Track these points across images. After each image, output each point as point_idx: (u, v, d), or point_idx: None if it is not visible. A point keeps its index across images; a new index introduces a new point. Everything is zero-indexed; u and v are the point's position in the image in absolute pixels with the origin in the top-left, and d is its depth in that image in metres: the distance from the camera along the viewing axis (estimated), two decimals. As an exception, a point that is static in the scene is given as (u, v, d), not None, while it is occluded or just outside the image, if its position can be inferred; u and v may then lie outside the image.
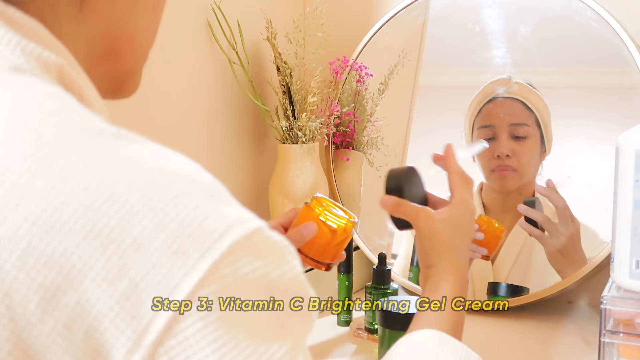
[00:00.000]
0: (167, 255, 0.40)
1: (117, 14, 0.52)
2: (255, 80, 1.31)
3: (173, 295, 0.39)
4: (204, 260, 0.40)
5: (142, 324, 0.39)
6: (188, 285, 0.39)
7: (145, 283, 0.39)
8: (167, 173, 0.42)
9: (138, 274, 0.39)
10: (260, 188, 1.37)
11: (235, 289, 0.41)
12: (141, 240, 0.40)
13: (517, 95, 1.31)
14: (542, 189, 1.27)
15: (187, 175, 0.43)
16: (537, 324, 1.21)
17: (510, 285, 1.28)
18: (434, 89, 1.45)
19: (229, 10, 1.23)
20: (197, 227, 0.41)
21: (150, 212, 0.40)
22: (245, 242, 0.41)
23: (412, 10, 1.39)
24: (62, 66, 0.47)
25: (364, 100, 1.41)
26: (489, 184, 1.34)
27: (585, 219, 1.28)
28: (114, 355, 0.39)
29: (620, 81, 1.26)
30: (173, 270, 0.39)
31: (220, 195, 0.43)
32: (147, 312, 0.39)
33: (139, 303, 0.39)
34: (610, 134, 0.96)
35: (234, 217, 0.42)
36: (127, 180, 0.41)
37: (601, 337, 0.87)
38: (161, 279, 0.39)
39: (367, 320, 1.15)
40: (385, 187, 0.87)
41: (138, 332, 0.39)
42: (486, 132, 1.32)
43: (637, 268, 0.86)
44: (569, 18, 1.28)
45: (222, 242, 0.41)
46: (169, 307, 0.39)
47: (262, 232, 0.43)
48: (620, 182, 0.87)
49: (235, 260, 0.41)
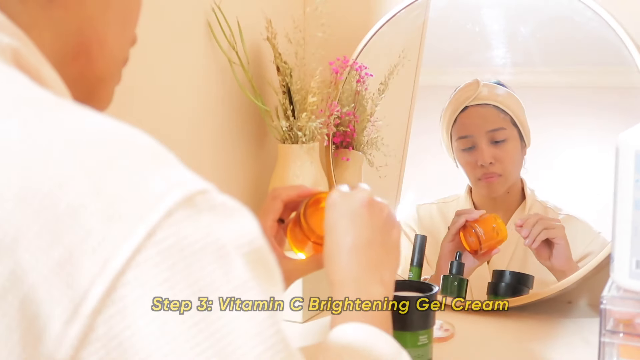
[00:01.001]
0: (103, 220, 0.38)
1: (87, 13, 0.52)
2: (255, 80, 1.31)
3: (110, 262, 0.37)
4: (142, 225, 0.38)
5: (79, 293, 0.37)
6: (125, 251, 0.38)
7: (81, 250, 0.38)
8: (105, 137, 0.41)
9: (73, 241, 0.38)
10: (260, 188, 1.37)
11: (177, 253, 0.39)
12: (75, 206, 0.38)
13: (488, 100, 1.33)
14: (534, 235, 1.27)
15: (126, 139, 0.41)
16: (537, 324, 1.21)
17: (510, 285, 1.28)
18: (434, 89, 1.45)
19: (229, 11, 1.23)
20: (134, 191, 0.39)
21: (84, 176, 0.38)
22: (187, 203, 0.40)
23: (412, 10, 1.39)
24: (17, 50, 0.46)
25: (364, 100, 1.41)
26: (477, 190, 1.35)
27: (585, 218, 1.29)
28: (51, 326, 0.37)
29: (620, 81, 1.26)
30: (109, 237, 0.38)
31: (161, 158, 0.42)
32: (83, 280, 0.37)
33: (74, 272, 0.37)
34: (610, 134, 0.96)
35: (175, 178, 0.40)
36: (62, 145, 0.39)
37: (601, 337, 0.87)
38: (97, 246, 0.38)
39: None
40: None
41: (75, 301, 0.37)
42: (465, 142, 1.34)
43: (637, 268, 0.86)
44: (569, 18, 1.28)
45: (161, 204, 0.39)
46: (106, 274, 0.37)
47: (207, 194, 0.41)
48: (620, 182, 0.87)
49: (177, 222, 0.39)
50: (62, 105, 0.42)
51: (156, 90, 1.11)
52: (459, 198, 1.37)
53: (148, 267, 0.38)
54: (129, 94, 1.06)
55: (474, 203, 1.36)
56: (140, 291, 0.38)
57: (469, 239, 1.29)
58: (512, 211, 1.33)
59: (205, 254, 0.39)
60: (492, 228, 1.28)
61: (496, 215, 1.30)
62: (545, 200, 1.33)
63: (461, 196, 1.37)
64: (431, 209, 1.39)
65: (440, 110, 1.39)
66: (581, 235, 1.27)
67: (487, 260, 1.30)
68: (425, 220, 1.39)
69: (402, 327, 0.97)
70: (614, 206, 0.88)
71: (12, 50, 0.46)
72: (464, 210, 1.32)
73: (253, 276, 0.41)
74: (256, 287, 0.41)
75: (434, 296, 0.98)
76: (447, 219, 1.35)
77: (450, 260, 1.31)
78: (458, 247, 1.30)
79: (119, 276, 0.37)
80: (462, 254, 1.30)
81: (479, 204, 1.36)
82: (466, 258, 1.30)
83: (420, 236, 1.29)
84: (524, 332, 1.18)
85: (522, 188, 1.33)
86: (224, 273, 0.40)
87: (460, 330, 1.16)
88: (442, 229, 1.36)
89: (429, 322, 0.98)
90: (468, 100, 1.33)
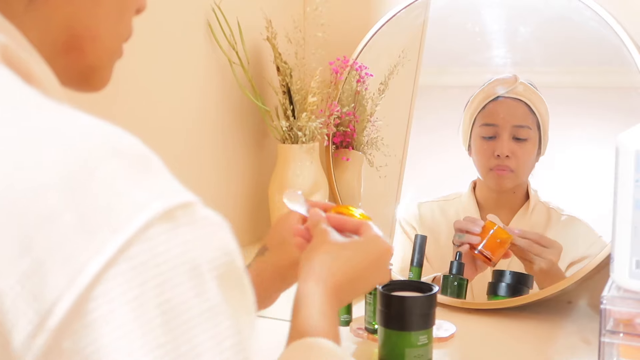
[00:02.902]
0: (76, 232, 0.36)
1: (74, 9, 0.51)
2: (255, 80, 1.31)
3: (79, 275, 0.36)
4: (115, 238, 0.37)
5: (45, 306, 0.36)
6: (95, 265, 0.36)
7: (51, 262, 0.36)
8: (85, 142, 0.39)
9: (43, 252, 0.36)
10: (260, 188, 1.37)
11: (150, 270, 0.37)
12: (48, 215, 0.36)
13: (521, 97, 1.32)
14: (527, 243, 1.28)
15: (108, 145, 0.39)
16: (537, 324, 1.21)
17: (510, 285, 1.28)
18: (434, 89, 1.45)
19: (229, 11, 1.23)
20: (111, 202, 0.37)
21: (60, 184, 0.37)
22: (166, 217, 0.38)
23: (412, 10, 1.39)
24: (5, 46, 0.46)
25: (364, 100, 1.41)
26: (485, 181, 1.35)
27: (585, 219, 1.29)
28: (15, 336, 0.36)
29: (620, 81, 1.26)
30: (80, 249, 0.36)
31: (144, 166, 0.40)
32: (51, 293, 0.36)
33: (42, 283, 0.36)
34: (610, 134, 0.96)
35: (156, 190, 0.39)
36: (39, 150, 0.38)
37: (601, 337, 0.87)
38: (67, 258, 0.36)
39: (367, 320, 1.14)
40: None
41: (41, 314, 0.36)
42: (488, 129, 1.33)
43: (637, 268, 0.86)
44: (568, 18, 1.28)
45: (138, 217, 0.37)
46: (74, 288, 0.36)
47: (188, 207, 0.39)
48: (620, 182, 0.87)
49: (152, 237, 0.37)
50: (45, 106, 0.41)
51: (156, 90, 1.11)
52: (461, 196, 1.37)
53: (118, 282, 0.37)
54: (129, 94, 1.06)
55: (477, 201, 1.36)
56: (108, 307, 0.36)
57: (477, 262, 1.30)
58: (514, 211, 1.33)
59: (179, 273, 0.38)
60: (496, 244, 1.28)
61: (492, 222, 1.29)
62: (548, 201, 1.33)
63: (463, 194, 1.37)
64: (432, 207, 1.39)
65: (440, 111, 1.40)
66: (583, 237, 1.27)
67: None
68: (426, 218, 1.39)
69: (402, 327, 0.97)
70: (614, 206, 0.88)
71: (1, 46, 0.45)
72: (463, 226, 1.30)
73: (225, 299, 0.40)
74: (227, 312, 0.39)
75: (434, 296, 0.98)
76: (449, 217, 1.35)
77: (451, 260, 1.31)
78: (469, 264, 1.30)
79: (87, 290, 0.36)
80: (462, 254, 1.30)
81: (482, 202, 1.36)
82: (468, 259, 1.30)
83: (420, 236, 1.29)
84: (524, 332, 1.18)
85: (527, 189, 1.34)
86: (196, 294, 0.38)
87: (460, 330, 1.16)
88: (444, 227, 1.36)
89: (429, 322, 0.98)
90: (503, 91, 1.33)
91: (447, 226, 1.34)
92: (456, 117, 1.39)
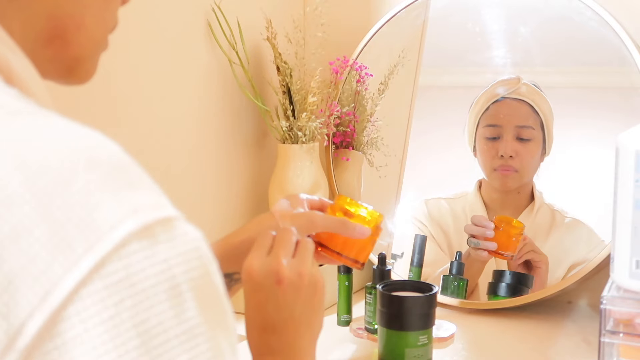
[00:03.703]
0: (48, 248, 0.35)
1: (59, 0, 0.50)
2: (255, 80, 1.31)
3: (51, 294, 0.34)
4: (90, 255, 0.35)
5: (15, 325, 0.34)
6: (68, 283, 0.34)
7: (20, 279, 0.34)
8: (60, 152, 0.37)
9: (13, 269, 0.34)
10: (260, 188, 1.37)
11: (126, 289, 0.35)
12: (20, 230, 0.35)
13: (525, 97, 1.32)
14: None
15: (84, 155, 0.37)
16: (537, 324, 1.21)
17: (510, 285, 1.28)
18: (434, 89, 1.45)
19: (229, 11, 1.23)
20: (86, 217, 0.35)
21: (32, 198, 0.35)
22: (144, 233, 0.36)
23: (412, 10, 1.39)
24: None
25: (364, 100, 1.41)
26: (489, 182, 1.35)
27: (585, 219, 1.29)
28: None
29: (620, 81, 1.27)
30: (53, 266, 0.34)
31: (123, 178, 0.38)
32: (20, 312, 0.34)
33: (12, 302, 0.34)
34: (610, 134, 0.96)
35: (135, 204, 0.37)
36: (11, 161, 0.36)
37: (601, 337, 0.87)
38: (39, 275, 0.34)
39: (366, 320, 1.15)
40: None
41: (10, 334, 0.34)
42: (491, 130, 1.34)
43: (637, 268, 0.86)
44: (568, 18, 1.28)
45: (114, 233, 0.35)
46: (46, 307, 0.34)
47: (167, 223, 0.38)
48: (620, 182, 0.87)
49: (129, 254, 0.36)
50: (21, 113, 0.39)
51: (156, 90, 1.11)
52: (467, 195, 1.37)
53: (92, 301, 0.35)
54: (129, 94, 1.06)
55: (483, 200, 1.36)
56: (81, 327, 0.34)
57: (499, 261, 1.31)
58: (519, 211, 1.34)
59: (156, 292, 0.36)
60: (512, 241, 1.28)
61: (500, 219, 1.30)
62: (553, 202, 1.32)
63: (470, 193, 1.37)
64: (439, 203, 1.40)
65: (440, 111, 1.40)
66: (585, 240, 1.27)
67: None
68: (434, 213, 1.39)
69: (402, 327, 0.97)
70: (614, 206, 0.88)
71: None
72: (475, 232, 1.30)
73: (205, 319, 0.38)
74: (207, 333, 0.38)
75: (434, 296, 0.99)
76: (456, 215, 1.36)
77: (450, 260, 1.31)
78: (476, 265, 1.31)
79: (59, 310, 0.34)
80: (462, 254, 1.30)
81: (488, 201, 1.36)
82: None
83: (420, 236, 1.29)
84: (524, 332, 1.18)
85: (532, 190, 1.34)
86: (175, 314, 0.37)
87: (460, 330, 1.16)
88: (451, 222, 1.36)
89: (429, 322, 0.98)
90: (506, 92, 1.33)
91: (455, 220, 1.35)
92: (456, 117, 1.39)
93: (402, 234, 1.40)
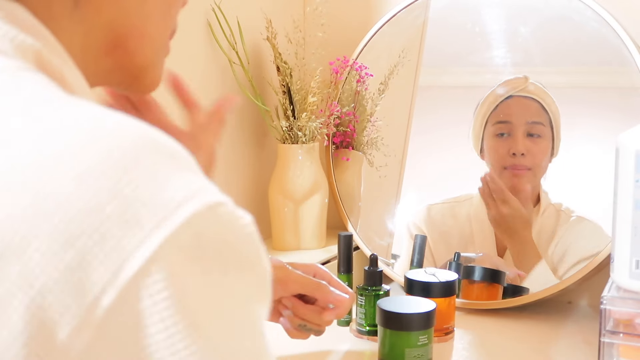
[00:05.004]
0: (119, 224, 0.36)
1: (122, 11, 0.51)
2: (255, 80, 1.32)
3: (122, 269, 0.36)
4: (158, 232, 0.36)
5: (89, 300, 0.35)
6: (138, 259, 0.36)
7: (93, 255, 0.35)
8: (126, 135, 0.38)
9: (86, 245, 0.36)
10: (260, 188, 1.37)
11: (193, 264, 0.37)
12: (91, 207, 0.36)
13: (534, 95, 1.31)
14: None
15: (148, 137, 0.39)
16: (537, 324, 1.21)
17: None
18: (434, 89, 1.45)
19: (229, 11, 1.23)
20: (154, 195, 0.37)
21: (103, 176, 0.36)
22: (208, 213, 0.38)
23: (412, 10, 1.39)
24: (39, 51, 0.45)
25: (364, 100, 1.41)
26: (500, 180, 1.32)
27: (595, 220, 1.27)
28: (58, 332, 0.35)
29: (620, 81, 1.26)
30: (123, 242, 0.36)
31: (183, 161, 0.39)
32: (93, 287, 0.35)
33: (84, 277, 0.35)
34: (610, 134, 0.96)
35: (197, 185, 0.38)
36: (79, 142, 0.38)
37: (601, 337, 0.87)
38: (110, 251, 0.36)
39: (357, 322, 1.14)
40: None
41: (84, 308, 0.35)
42: (501, 127, 1.32)
43: (637, 268, 0.86)
44: (568, 18, 1.28)
45: (181, 211, 0.37)
46: (118, 281, 0.35)
47: (227, 206, 0.39)
48: (620, 182, 0.87)
49: (196, 232, 0.37)
50: (78, 103, 0.41)
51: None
52: (472, 197, 1.35)
53: (161, 277, 0.36)
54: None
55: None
56: (150, 302, 0.36)
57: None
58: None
59: (220, 269, 0.38)
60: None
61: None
62: (560, 202, 1.31)
63: (474, 195, 1.34)
64: (443, 209, 1.37)
65: (440, 111, 1.39)
66: (590, 237, 1.25)
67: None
68: (436, 220, 1.36)
69: (402, 327, 0.97)
70: (614, 206, 0.88)
71: (34, 51, 0.45)
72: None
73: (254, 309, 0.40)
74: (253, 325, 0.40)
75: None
76: (459, 219, 1.34)
77: (449, 261, 1.30)
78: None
79: (130, 285, 0.36)
80: (461, 254, 1.29)
81: None
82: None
83: (420, 236, 1.29)
84: (524, 332, 1.18)
85: (538, 191, 1.31)
86: (235, 289, 0.39)
87: (460, 330, 1.16)
88: (454, 230, 1.34)
89: (429, 322, 0.98)
90: (515, 90, 1.32)
91: (458, 229, 1.33)
92: (456, 117, 1.39)
93: (401, 234, 1.40)
